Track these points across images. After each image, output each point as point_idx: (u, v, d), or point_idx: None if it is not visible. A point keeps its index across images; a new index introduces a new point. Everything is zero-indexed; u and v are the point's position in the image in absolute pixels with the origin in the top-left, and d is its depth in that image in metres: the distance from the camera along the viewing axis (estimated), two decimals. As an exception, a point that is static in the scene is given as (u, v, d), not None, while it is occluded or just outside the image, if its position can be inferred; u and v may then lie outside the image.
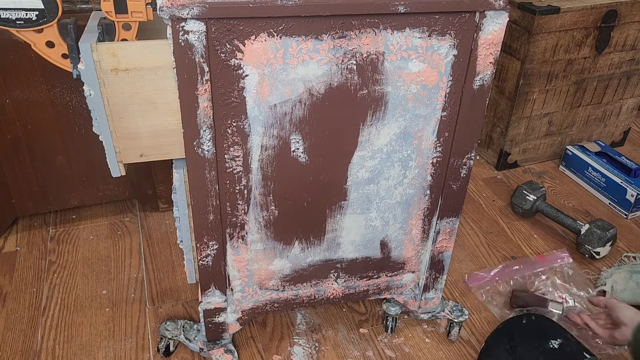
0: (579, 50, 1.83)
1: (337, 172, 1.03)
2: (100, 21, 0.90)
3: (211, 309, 1.15)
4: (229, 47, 0.83)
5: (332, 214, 1.09)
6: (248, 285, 1.15)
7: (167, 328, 1.25)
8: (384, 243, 1.18)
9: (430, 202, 1.13)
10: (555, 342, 1.16)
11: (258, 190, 1.01)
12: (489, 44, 0.93)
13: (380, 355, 1.30)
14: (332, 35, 0.86)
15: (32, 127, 1.47)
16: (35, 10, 0.81)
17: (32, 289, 1.44)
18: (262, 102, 0.90)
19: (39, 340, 1.30)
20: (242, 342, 1.31)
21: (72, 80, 1.39)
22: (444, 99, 0.98)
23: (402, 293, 1.29)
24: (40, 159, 1.53)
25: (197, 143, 0.91)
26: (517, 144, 2.00)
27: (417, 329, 1.37)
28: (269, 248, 1.11)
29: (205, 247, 1.04)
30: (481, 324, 1.39)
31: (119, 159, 0.95)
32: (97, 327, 1.34)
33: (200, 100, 0.87)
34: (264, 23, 0.83)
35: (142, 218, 1.71)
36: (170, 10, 0.77)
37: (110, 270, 1.51)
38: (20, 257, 1.54)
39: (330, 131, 0.97)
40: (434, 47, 0.92)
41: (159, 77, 0.87)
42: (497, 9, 0.90)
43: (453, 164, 1.07)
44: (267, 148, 0.96)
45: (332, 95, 0.93)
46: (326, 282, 1.21)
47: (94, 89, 0.86)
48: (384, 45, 0.89)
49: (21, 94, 1.40)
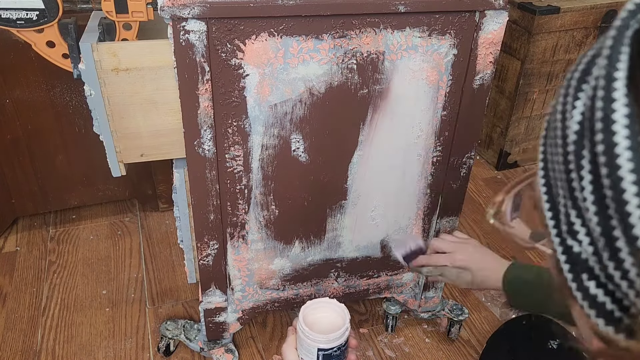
0: (579, 50, 1.83)
1: (338, 172, 1.03)
2: (100, 21, 0.90)
3: (211, 308, 1.15)
4: (229, 47, 0.83)
5: (333, 214, 1.09)
6: (248, 284, 1.15)
7: (168, 328, 1.25)
8: (384, 242, 1.18)
9: (430, 201, 1.13)
10: (555, 343, 1.16)
11: (258, 190, 1.01)
12: (488, 43, 0.93)
13: (380, 355, 1.30)
14: (333, 34, 0.86)
15: (32, 127, 1.47)
16: (35, 10, 0.81)
17: (32, 289, 1.44)
18: (263, 101, 0.91)
19: (39, 340, 1.30)
20: (242, 342, 1.31)
21: (72, 80, 1.38)
22: (444, 98, 0.98)
23: (402, 292, 1.30)
24: (40, 159, 1.53)
25: (197, 143, 0.91)
26: (517, 144, 2.00)
27: (417, 328, 1.37)
28: (269, 247, 1.11)
29: (206, 247, 1.05)
30: (481, 323, 1.39)
31: (120, 159, 0.95)
32: (97, 327, 1.34)
33: (201, 99, 0.87)
34: (264, 23, 0.83)
35: (142, 218, 1.71)
36: (171, 10, 0.77)
37: (110, 270, 1.51)
38: (20, 257, 1.54)
39: (330, 131, 0.97)
40: (434, 46, 0.92)
41: (159, 76, 0.87)
42: (497, 9, 0.90)
43: (453, 163, 1.07)
44: (267, 147, 0.96)
45: (333, 95, 0.93)
46: (326, 282, 1.21)
47: (95, 88, 0.86)
48: (384, 45, 0.90)
49: (21, 94, 1.40)
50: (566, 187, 0.31)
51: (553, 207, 0.33)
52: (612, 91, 0.27)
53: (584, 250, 0.30)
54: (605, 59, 0.28)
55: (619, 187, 0.27)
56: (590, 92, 0.29)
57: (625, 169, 0.26)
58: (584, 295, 0.31)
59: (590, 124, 0.29)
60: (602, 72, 0.28)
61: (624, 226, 0.27)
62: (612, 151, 0.27)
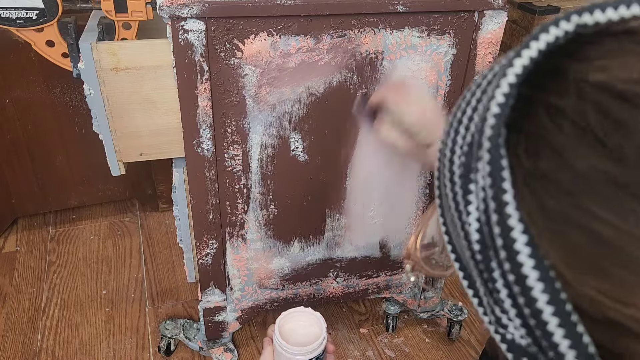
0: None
1: (337, 171, 1.04)
2: (100, 20, 0.90)
3: (211, 307, 1.15)
4: (228, 46, 0.84)
5: (332, 213, 1.10)
6: (248, 284, 1.16)
7: (167, 327, 1.25)
8: (383, 242, 1.18)
9: (429, 200, 1.13)
10: None
11: (258, 189, 1.01)
12: (487, 43, 0.93)
13: (380, 355, 1.30)
14: (332, 34, 0.86)
15: (32, 127, 1.47)
16: (35, 9, 0.82)
17: (32, 289, 1.44)
18: (262, 101, 0.91)
19: (39, 340, 1.30)
20: (241, 341, 1.31)
21: (72, 80, 1.39)
22: (443, 98, 0.98)
23: (401, 292, 1.30)
24: (40, 159, 1.53)
25: (196, 142, 0.91)
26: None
27: (417, 328, 1.37)
28: (268, 247, 1.11)
29: (205, 246, 1.05)
30: (481, 323, 1.39)
31: (119, 158, 0.95)
32: (97, 327, 1.34)
33: (200, 99, 0.87)
34: (263, 22, 0.83)
35: (142, 218, 1.71)
36: (170, 9, 0.77)
37: (110, 270, 1.51)
38: (20, 257, 1.55)
39: (329, 130, 0.97)
40: (433, 46, 0.92)
41: (158, 76, 0.87)
42: (496, 9, 0.90)
43: (452, 163, 1.07)
44: (266, 147, 0.96)
45: (332, 95, 0.93)
46: (326, 281, 1.21)
47: (94, 88, 0.86)
48: (383, 45, 0.90)
49: (21, 94, 1.41)
50: (482, 283, 0.31)
51: (473, 289, 0.33)
52: (507, 218, 0.27)
53: (516, 337, 0.30)
54: (488, 176, 0.28)
55: (533, 308, 0.27)
56: (482, 204, 0.29)
57: (538, 290, 0.26)
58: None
59: (491, 241, 0.28)
60: (489, 191, 0.28)
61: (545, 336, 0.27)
62: (519, 271, 0.27)
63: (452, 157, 0.32)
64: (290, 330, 0.75)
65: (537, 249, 0.26)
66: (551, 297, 0.26)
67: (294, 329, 0.75)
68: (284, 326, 0.75)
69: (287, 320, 0.75)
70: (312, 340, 0.72)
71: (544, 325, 0.27)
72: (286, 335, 0.74)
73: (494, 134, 0.27)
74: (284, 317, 0.76)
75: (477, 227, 0.29)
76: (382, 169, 1.06)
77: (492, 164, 0.28)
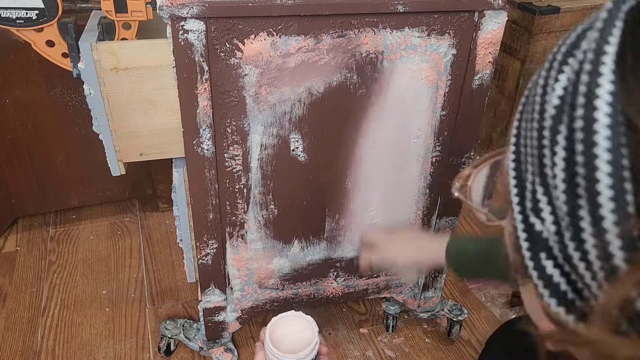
0: (578, 50, 1.83)
1: (337, 171, 1.04)
2: (100, 20, 0.90)
3: (211, 307, 1.15)
4: (228, 46, 0.84)
5: (332, 213, 1.09)
6: (248, 284, 1.15)
7: (167, 327, 1.25)
8: (384, 242, 1.18)
9: (429, 201, 1.13)
10: None
11: (257, 189, 1.01)
12: (487, 43, 0.93)
13: (380, 355, 1.30)
14: (332, 34, 0.86)
15: (32, 127, 1.47)
16: (35, 9, 0.82)
17: (32, 289, 1.44)
18: (262, 101, 0.91)
19: (39, 340, 1.30)
20: (241, 341, 1.31)
21: (72, 80, 1.39)
22: (443, 98, 0.99)
23: (401, 292, 1.30)
24: (40, 159, 1.53)
25: (196, 142, 0.91)
26: (517, 144, 1.99)
27: (417, 328, 1.37)
28: (268, 247, 1.11)
29: (205, 246, 1.05)
30: (481, 323, 1.39)
31: (119, 158, 0.95)
32: (97, 327, 1.34)
33: (200, 99, 0.87)
34: (263, 22, 0.83)
35: (142, 218, 1.71)
36: (170, 9, 0.77)
37: (110, 270, 1.51)
38: (20, 257, 1.55)
39: (329, 130, 0.97)
40: (433, 46, 0.92)
41: (158, 76, 0.87)
42: (496, 9, 0.90)
43: (452, 163, 1.07)
44: (266, 147, 0.96)
45: (332, 94, 0.93)
46: (326, 281, 1.21)
47: (94, 88, 0.86)
48: (383, 45, 0.90)
49: (21, 94, 1.41)
50: (537, 162, 0.30)
51: (520, 183, 0.32)
52: (600, 65, 0.26)
53: (545, 229, 0.29)
54: (597, 31, 0.27)
55: (592, 165, 0.26)
56: (577, 65, 0.28)
57: (602, 148, 0.25)
58: (540, 275, 0.30)
59: (571, 99, 0.28)
60: (592, 45, 0.27)
61: (592, 206, 0.26)
62: (591, 127, 0.26)
63: (562, 43, 0.31)
64: (282, 336, 0.73)
65: (617, 109, 0.25)
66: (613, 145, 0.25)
67: (285, 334, 0.74)
68: (275, 331, 0.73)
69: (278, 325, 0.74)
70: (304, 346, 0.71)
71: (595, 195, 0.26)
72: (278, 340, 0.72)
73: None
74: (275, 322, 0.74)
75: (560, 94, 0.29)
76: (382, 169, 1.06)
77: (606, 22, 0.27)
